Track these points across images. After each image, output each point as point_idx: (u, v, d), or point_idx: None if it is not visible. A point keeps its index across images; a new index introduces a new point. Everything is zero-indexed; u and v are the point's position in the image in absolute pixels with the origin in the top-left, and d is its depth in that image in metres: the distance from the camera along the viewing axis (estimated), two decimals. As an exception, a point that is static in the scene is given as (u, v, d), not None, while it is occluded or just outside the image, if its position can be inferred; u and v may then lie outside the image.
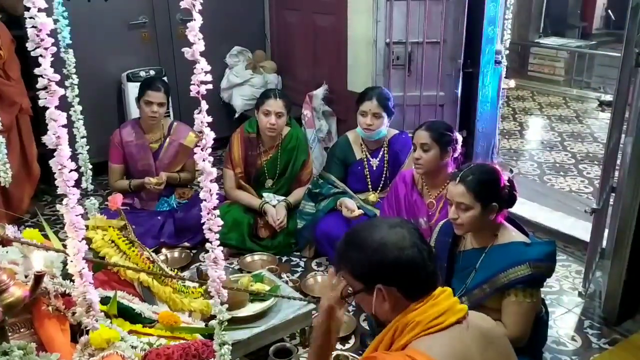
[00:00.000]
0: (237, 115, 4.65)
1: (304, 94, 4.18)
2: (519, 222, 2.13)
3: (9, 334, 1.61)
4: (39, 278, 1.45)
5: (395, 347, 1.31)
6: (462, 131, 3.63)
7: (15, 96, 3.29)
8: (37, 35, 1.21)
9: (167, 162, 3.41)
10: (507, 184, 2.02)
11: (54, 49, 1.27)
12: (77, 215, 1.42)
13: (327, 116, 4.19)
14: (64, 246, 1.52)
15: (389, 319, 1.36)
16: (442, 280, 1.39)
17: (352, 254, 1.37)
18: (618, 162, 2.84)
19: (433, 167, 2.60)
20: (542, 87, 7.09)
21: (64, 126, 1.35)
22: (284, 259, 3.23)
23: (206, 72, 1.25)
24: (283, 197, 3.31)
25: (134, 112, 3.82)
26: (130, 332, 1.82)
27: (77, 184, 1.47)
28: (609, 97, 6.12)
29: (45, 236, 2.08)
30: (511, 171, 4.26)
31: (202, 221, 1.36)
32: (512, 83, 4.37)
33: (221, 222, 1.38)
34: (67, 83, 2.19)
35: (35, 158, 3.51)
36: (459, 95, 3.63)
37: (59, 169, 1.36)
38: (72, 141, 1.61)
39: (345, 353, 2.39)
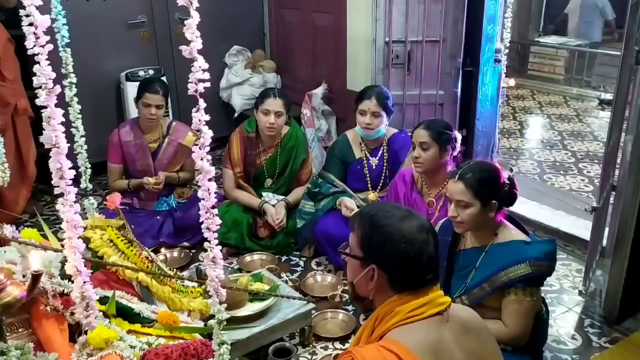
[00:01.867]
0: (236, 115, 4.65)
1: (303, 93, 4.18)
2: (519, 221, 2.13)
3: (7, 333, 1.61)
4: (36, 277, 1.45)
5: (375, 335, 1.32)
6: (462, 130, 3.62)
7: (9, 97, 3.28)
8: (34, 33, 1.21)
9: (166, 162, 3.40)
10: (507, 181, 2.02)
11: (51, 46, 1.27)
12: (74, 213, 1.42)
13: (327, 115, 4.19)
14: (63, 246, 1.51)
15: (364, 295, 1.39)
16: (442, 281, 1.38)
17: (371, 227, 1.35)
18: (618, 160, 2.83)
19: (432, 166, 2.60)
20: (542, 86, 7.09)
21: (61, 124, 1.35)
22: (284, 258, 3.22)
23: (204, 70, 1.25)
24: (282, 197, 3.31)
25: (133, 111, 3.82)
26: (129, 331, 1.81)
27: (76, 183, 1.47)
28: (609, 96, 6.12)
29: (44, 236, 2.07)
30: (511, 170, 4.26)
31: (200, 220, 1.36)
32: (511, 82, 4.36)
33: (219, 221, 1.37)
34: (65, 82, 2.19)
35: (32, 159, 3.50)
36: (459, 94, 3.62)
37: (57, 168, 1.35)
38: (70, 141, 1.61)
39: (345, 352, 2.39)
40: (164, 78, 4.13)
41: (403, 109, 3.63)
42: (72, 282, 1.55)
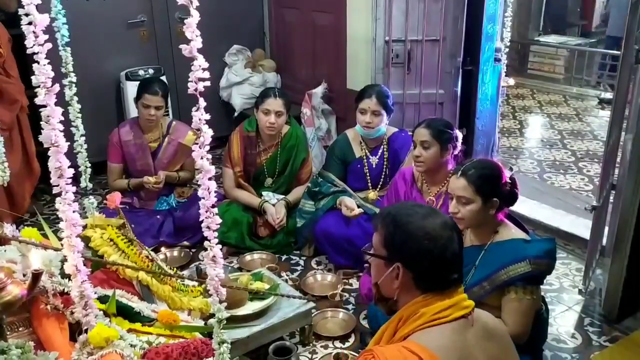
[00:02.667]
0: (236, 114, 4.64)
1: (303, 92, 4.17)
2: (519, 220, 2.13)
3: (7, 332, 1.61)
4: (36, 276, 1.45)
5: (398, 336, 1.32)
6: (462, 129, 3.62)
7: (16, 94, 3.29)
8: (33, 32, 1.21)
9: (166, 162, 3.40)
10: (509, 181, 2.02)
11: (50, 45, 1.27)
12: (73, 212, 1.42)
13: (327, 114, 4.19)
14: (63, 245, 1.51)
15: (389, 296, 1.38)
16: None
17: (394, 226, 1.35)
18: (618, 159, 2.83)
19: (433, 165, 2.60)
20: (542, 85, 7.08)
21: (61, 123, 1.34)
22: (284, 257, 3.22)
23: (204, 69, 1.25)
24: (282, 196, 3.31)
25: (132, 111, 3.82)
26: (130, 330, 1.81)
27: (76, 182, 1.47)
28: (608, 95, 6.12)
29: (44, 235, 2.08)
30: (511, 169, 4.26)
31: (200, 219, 1.36)
32: (511, 81, 4.35)
33: (219, 220, 1.37)
34: (65, 81, 2.19)
35: (35, 156, 3.51)
36: (459, 93, 3.62)
37: (56, 167, 1.35)
38: (70, 140, 1.61)
39: (345, 352, 2.39)
40: (163, 77, 4.13)
41: (403, 108, 3.63)
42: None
